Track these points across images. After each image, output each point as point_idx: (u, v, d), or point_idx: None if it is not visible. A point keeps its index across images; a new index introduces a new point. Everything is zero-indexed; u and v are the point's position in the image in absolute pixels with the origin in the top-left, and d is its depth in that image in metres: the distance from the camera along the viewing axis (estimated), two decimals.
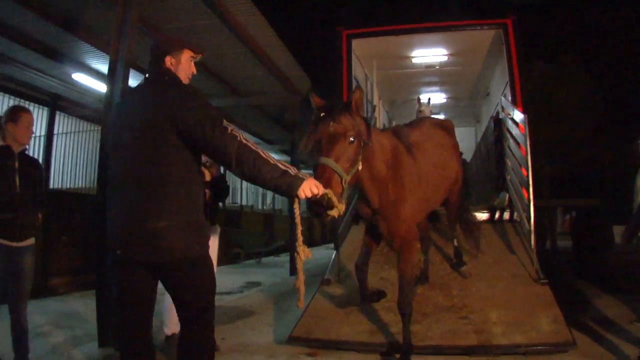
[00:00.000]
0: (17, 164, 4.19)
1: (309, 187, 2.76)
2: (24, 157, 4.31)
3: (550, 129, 20.31)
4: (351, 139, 3.79)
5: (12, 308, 4.14)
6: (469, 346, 4.88)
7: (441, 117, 6.84)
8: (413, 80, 12.29)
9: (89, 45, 9.32)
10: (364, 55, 10.35)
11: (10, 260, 4.08)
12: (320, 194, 2.87)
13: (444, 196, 5.75)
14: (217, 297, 3.05)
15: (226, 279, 11.69)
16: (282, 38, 9.82)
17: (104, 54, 9.17)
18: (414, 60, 10.96)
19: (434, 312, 5.52)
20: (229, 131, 2.69)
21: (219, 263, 14.57)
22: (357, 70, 10.17)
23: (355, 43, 9.52)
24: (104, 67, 9.97)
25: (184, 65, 3.14)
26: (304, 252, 2.92)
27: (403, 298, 4.56)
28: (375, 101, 11.21)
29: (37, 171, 4.46)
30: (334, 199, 3.18)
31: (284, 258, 16.19)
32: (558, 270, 10.51)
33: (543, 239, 14.33)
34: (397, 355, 4.64)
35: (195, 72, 3.27)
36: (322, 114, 3.85)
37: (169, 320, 5.13)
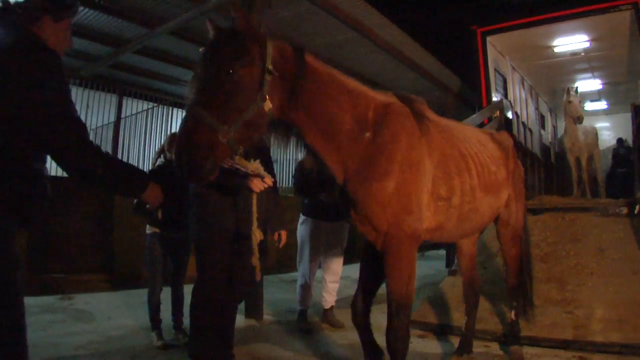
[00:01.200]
0: None
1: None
2: None
3: None
4: (230, 71, 2.62)
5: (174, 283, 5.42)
6: (564, 340, 4.94)
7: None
8: (564, 68, 11.86)
9: None
10: (504, 48, 10.37)
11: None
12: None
13: (482, 223, 4.30)
14: None
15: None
16: (420, 41, 10.27)
17: None
18: (556, 50, 10.69)
19: (541, 304, 5.52)
20: None
21: None
22: (501, 64, 10.34)
23: (491, 39, 9.67)
24: None
25: None
26: (258, 234, 3.71)
27: (393, 332, 3.22)
28: (520, 94, 11.22)
29: None
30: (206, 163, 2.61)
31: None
32: None
33: None
34: (497, 344, 4.98)
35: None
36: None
37: (326, 295, 6.25)
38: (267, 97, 2.75)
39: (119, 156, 10.67)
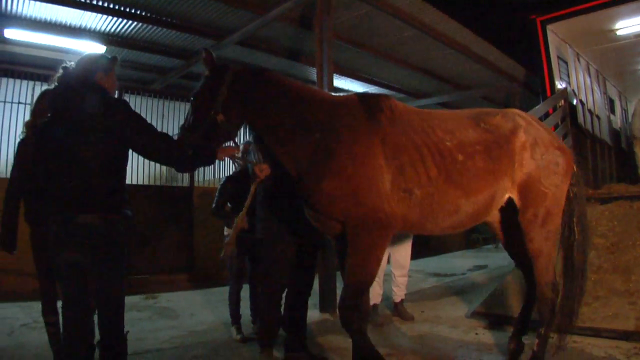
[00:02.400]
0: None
1: None
2: None
3: None
4: (192, 98, 3.74)
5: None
6: (624, 331, 4.95)
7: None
8: (630, 50, 11.37)
9: (313, 68, 11.03)
10: (565, 35, 10.16)
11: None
12: None
13: (465, 214, 3.96)
14: (436, 279, 3.90)
15: (456, 262, 12.63)
16: (480, 32, 10.24)
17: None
18: (618, 33, 10.25)
19: (605, 295, 5.54)
20: None
21: (458, 247, 15.46)
22: (563, 51, 10.19)
23: (552, 27, 9.51)
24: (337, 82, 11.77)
25: None
26: (242, 221, 4.29)
27: (344, 309, 3.55)
28: (585, 80, 11.01)
29: None
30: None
31: None
32: None
33: None
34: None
35: None
36: None
37: (396, 288, 6.52)
38: (221, 111, 3.60)
39: None
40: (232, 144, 3.89)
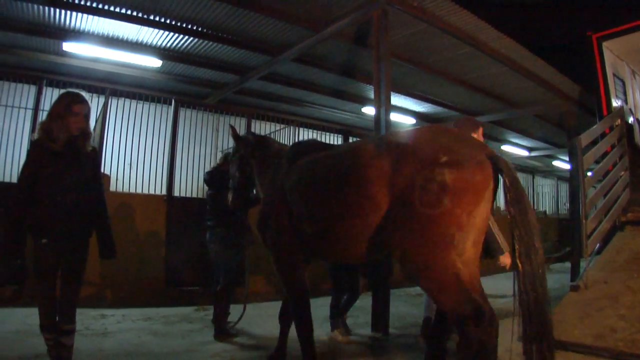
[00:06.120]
0: None
1: None
2: None
3: None
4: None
5: None
6: None
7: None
8: None
9: (369, 85, 11.03)
10: (621, 52, 9.92)
11: None
12: None
13: (337, 247, 4.04)
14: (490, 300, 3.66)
15: (507, 283, 12.32)
16: (534, 49, 10.02)
17: None
18: None
19: None
20: None
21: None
22: (619, 69, 9.93)
23: (607, 44, 9.31)
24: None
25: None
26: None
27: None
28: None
29: None
30: None
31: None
32: None
33: None
34: None
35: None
36: None
37: (427, 306, 6.36)
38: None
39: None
40: None
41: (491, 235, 4.69)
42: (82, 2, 7.67)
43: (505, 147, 18.14)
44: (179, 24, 8.47)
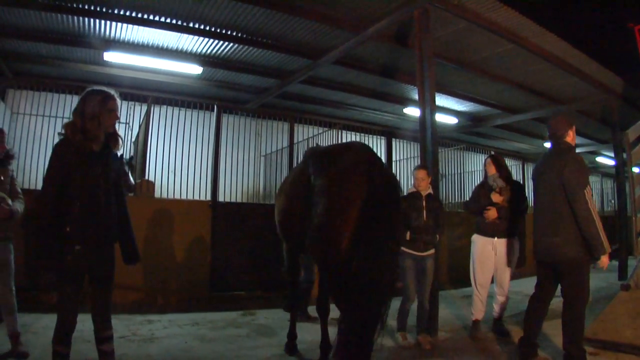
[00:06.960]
0: (424, 203, 5.90)
1: None
2: (428, 196, 5.98)
3: None
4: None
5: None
6: None
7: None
8: None
9: (410, 85, 10.95)
10: None
11: (417, 264, 5.93)
12: None
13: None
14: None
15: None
16: (577, 44, 9.83)
17: None
18: None
19: None
20: (585, 197, 4.42)
21: None
22: None
23: None
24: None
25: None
26: None
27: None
28: None
29: (440, 205, 6.17)
30: None
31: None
32: None
33: None
34: None
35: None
36: None
37: (474, 309, 6.45)
38: None
39: None
40: None
41: (596, 233, 4.49)
42: (122, 12, 7.84)
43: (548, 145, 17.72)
44: (218, 30, 8.58)
